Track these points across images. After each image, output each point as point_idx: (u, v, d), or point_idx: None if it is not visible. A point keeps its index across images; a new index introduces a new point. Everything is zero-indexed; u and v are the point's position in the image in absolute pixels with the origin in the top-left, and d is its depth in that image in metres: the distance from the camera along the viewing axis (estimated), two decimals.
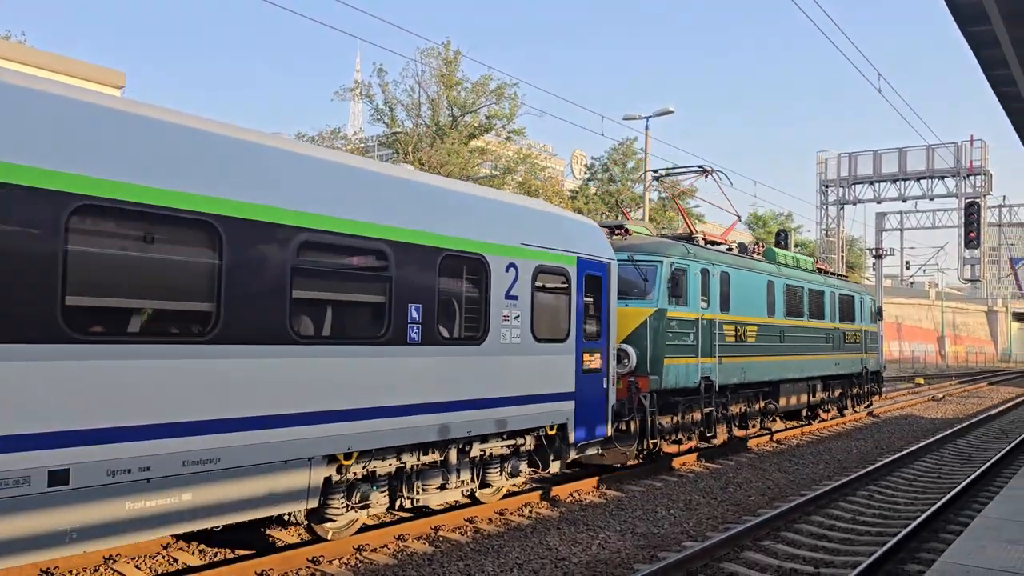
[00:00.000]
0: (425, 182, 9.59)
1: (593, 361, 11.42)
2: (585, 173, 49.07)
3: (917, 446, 16.91)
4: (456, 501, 10.32)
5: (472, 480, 9.96)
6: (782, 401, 17.73)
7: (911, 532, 9.35)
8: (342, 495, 8.26)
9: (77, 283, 6.00)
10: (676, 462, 14.34)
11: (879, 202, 57.49)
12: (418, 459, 9.05)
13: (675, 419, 13.83)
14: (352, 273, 8.45)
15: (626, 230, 14.67)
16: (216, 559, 8.20)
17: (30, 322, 5.72)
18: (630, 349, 12.96)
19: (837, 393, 21.61)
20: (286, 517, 8.09)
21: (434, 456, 9.26)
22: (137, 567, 7.81)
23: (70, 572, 7.48)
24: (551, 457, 10.89)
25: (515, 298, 9.97)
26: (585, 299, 11.26)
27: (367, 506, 8.63)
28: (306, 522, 8.38)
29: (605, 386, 11.69)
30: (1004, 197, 67.85)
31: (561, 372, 10.78)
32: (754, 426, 17.03)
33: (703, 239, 15.94)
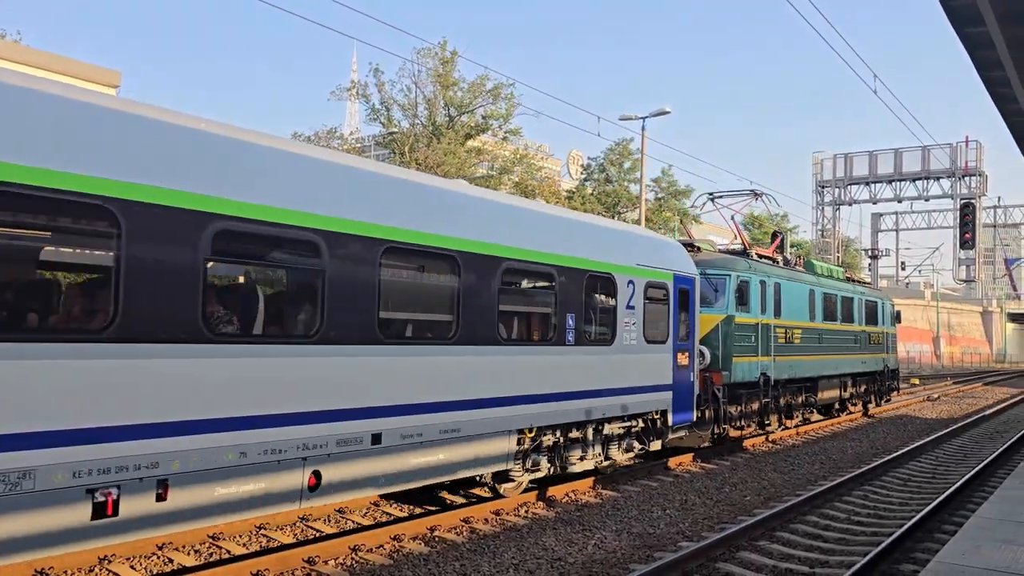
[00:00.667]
0: (575, 219, 12.74)
1: (684, 359, 13.77)
2: (582, 173, 49.08)
3: (912, 446, 16.95)
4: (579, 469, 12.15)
5: (600, 453, 12.16)
6: (820, 395, 20.14)
7: (906, 532, 9.38)
8: (519, 461, 10.58)
9: (388, 303, 8.59)
10: (672, 462, 14.38)
11: (875, 203, 57.70)
12: (568, 435, 11.40)
13: (740, 408, 16.27)
14: (533, 291, 11.15)
15: (697, 247, 17.15)
16: (212, 559, 8.19)
17: (394, 330, 8.82)
18: (705, 349, 15.12)
19: (863, 389, 23.79)
20: (478, 479, 10.50)
21: (578, 433, 11.58)
22: (132, 567, 7.80)
23: (65, 572, 7.46)
24: (652, 437, 13.29)
25: (632, 308, 12.39)
26: (678, 308, 13.62)
27: (536, 470, 11.03)
28: (491, 482, 10.74)
29: (692, 380, 14.07)
30: (999, 198, 68.10)
31: (663, 368, 13.22)
32: (797, 417, 19.47)
33: (756, 254, 18.22)
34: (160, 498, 6.54)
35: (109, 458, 6.23)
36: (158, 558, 8.10)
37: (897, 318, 27.03)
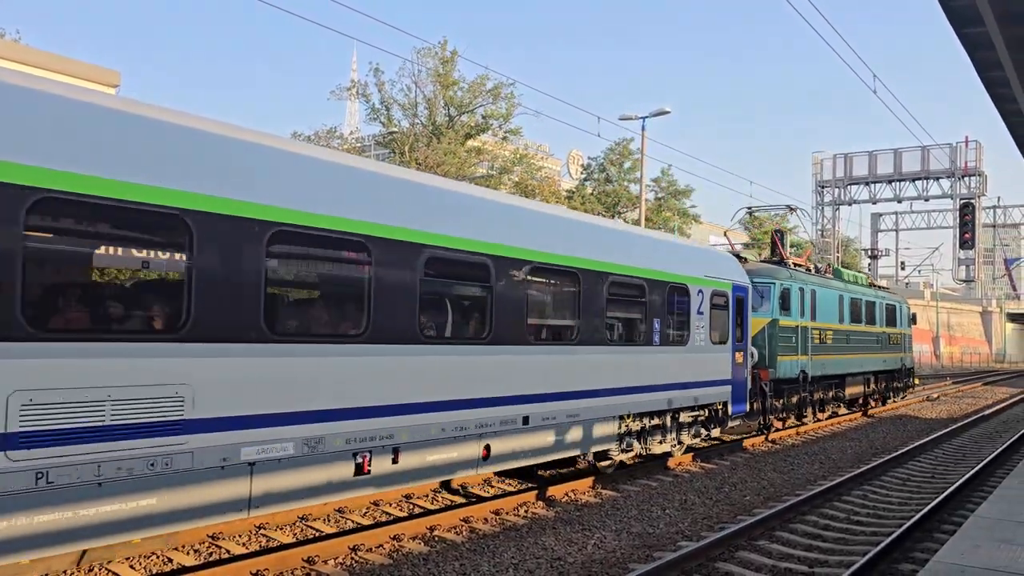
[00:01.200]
0: (659, 238, 15.24)
1: (740, 358, 15.72)
2: (582, 173, 49.06)
3: (911, 446, 16.95)
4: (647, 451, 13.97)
5: (674, 437, 14.14)
6: (847, 391, 22.49)
7: (905, 532, 9.39)
8: (618, 442, 12.44)
9: (532, 312, 10.66)
10: (671, 462, 14.38)
11: (874, 203, 57.69)
12: (651, 421, 13.29)
13: (782, 402, 18.53)
14: (629, 299, 12.67)
15: (744, 259, 19.23)
16: (211, 559, 8.20)
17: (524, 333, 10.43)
18: (754, 349, 16.89)
19: (883, 385, 26.05)
20: (580, 457, 12.56)
21: (659, 421, 13.49)
22: (132, 567, 7.80)
23: (64, 572, 7.47)
24: (715, 425, 15.33)
25: (702, 313, 14.27)
26: (735, 313, 15.54)
27: (629, 450, 12.89)
28: (592, 460, 12.65)
29: (746, 376, 15.99)
30: (999, 198, 68.09)
31: (724, 365, 15.15)
32: (828, 410, 21.75)
33: (792, 263, 20.45)
34: (394, 461, 8.62)
35: (365, 430, 8.31)
36: (157, 557, 8.10)
37: (913, 320, 29.00)
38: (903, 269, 70.15)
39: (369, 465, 8.31)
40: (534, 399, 10.55)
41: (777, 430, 18.48)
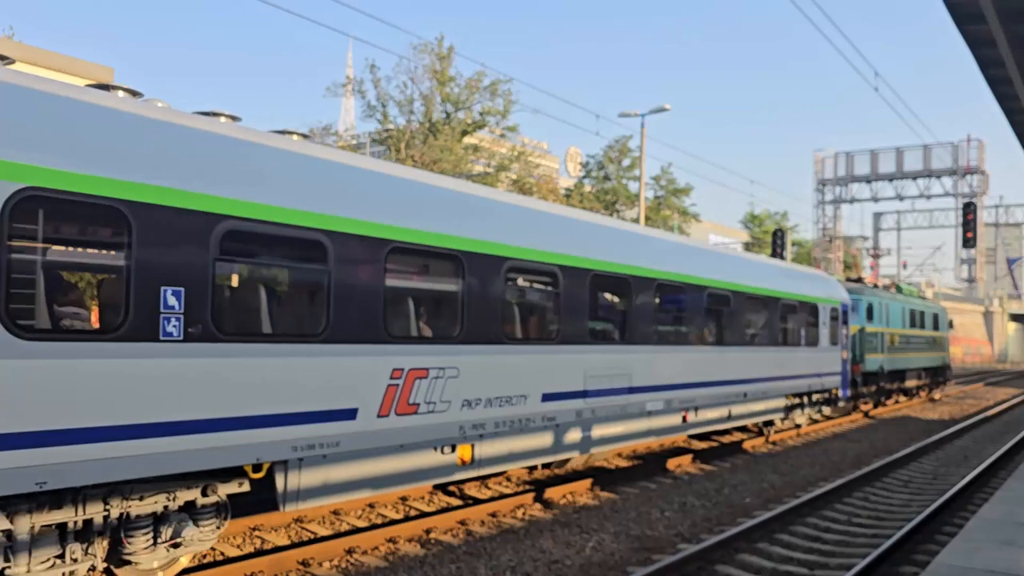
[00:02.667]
0: (801, 270, 20.54)
1: (844, 355, 20.80)
2: (580, 171, 48.94)
3: (913, 448, 16.85)
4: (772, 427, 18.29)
5: (806, 413, 19.16)
6: (907, 383, 28.47)
7: (906, 534, 9.29)
8: (781, 414, 17.38)
9: (750, 323, 15.55)
10: (671, 463, 14.30)
11: (876, 201, 57.53)
12: (797, 400, 18.32)
13: (868, 389, 24.49)
14: (791, 314, 17.39)
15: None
16: (206, 560, 8.11)
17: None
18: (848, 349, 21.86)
19: (928, 380, 31.64)
20: (753, 428, 18.30)
21: (798, 400, 18.43)
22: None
23: (62, 572, 7.37)
24: (831, 405, 20.61)
25: (824, 323, 19.27)
26: (842, 322, 20.49)
27: (786, 419, 18.31)
28: (760, 428, 18.03)
29: (848, 369, 21.05)
30: (1001, 197, 67.96)
31: (836, 361, 20.14)
32: (894, 398, 27.68)
33: (870, 282, 28.39)
34: (696, 414, 13.84)
35: (684, 397, 13.45)
36: None
37: (950, 325, 35.70)
38: (905, 268, 70.03)
39: (688, 417, 13.66)
40: (736, 383, 15.24)
41: (863, 411, 24.45)
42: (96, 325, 6.66)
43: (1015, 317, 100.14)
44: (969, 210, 38.76)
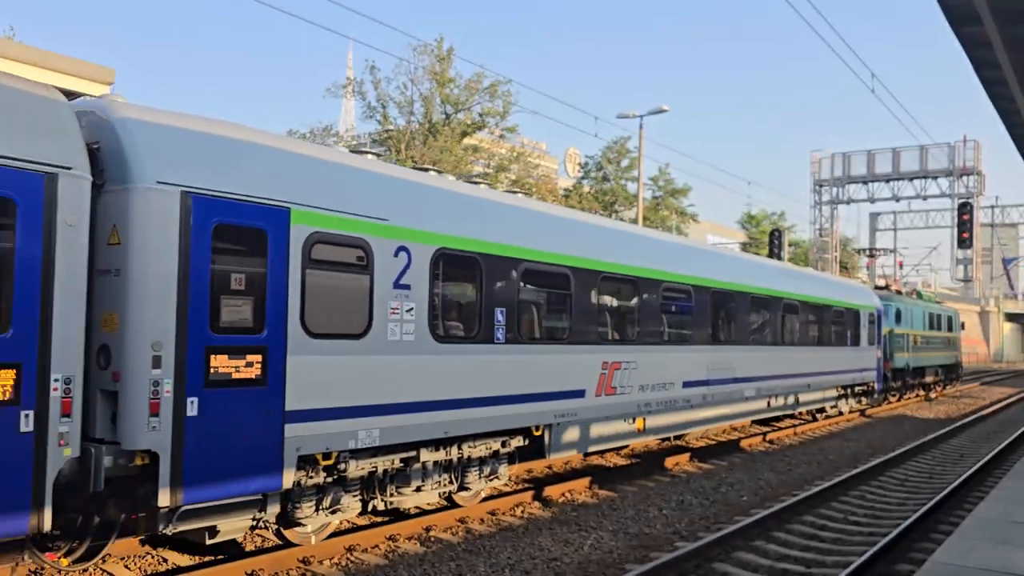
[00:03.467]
0: (846, 282, 26.30)
1: (878, 353, 24.34)
2: (579, 172, 48.97)
3: (909, 446, 16.93)
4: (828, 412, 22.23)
5: (850, 403, 23.11)
6: (927, 379, 32.08)
7: (902, 532, 9.37)
8: (833, 403, 21.53)
9: (815, 330, 20.01)
10: (669, 462, 14.36)
11: (873, 202, 57.61)
12: (842, 392, 22.20)
13: (896, 384, 27.93)
14: (843, 320, 21.38)
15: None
16: (206, 559, 8.16)
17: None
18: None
19: (943, 375, 35.25)
20: (806, 415, 21.65)
21: (843, 391, 22.23)
22: (127, 567, 7.77)
23: (59, 572, 7.43)
24: (867, 396, 24.53)
25: (864, 326, 23.00)
26: (877, 325, 24.23)
27: (835, 406, 22.02)
28: (834, 410, 22.28)
29: (881, 366, 24.68)
30: (997, 197, 68.07)
31: (873, 359, 23.79)
32: (915, 391, 31.42)
33: (895, 290, 32.41)
34: (768, 404, 17.39)
35: (768, 386, 17.05)
36: (152, 557, 8.07)
37: (962, 326, 39.25)
38: (901, 268, 70.15)
39: (771, 402, 17.43)
40: (811, 375, 19.30)
41: (888, 401, 27.96)
42: (465, 333, 9.82)
43: (1011, 317, 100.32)
44: (965, 210, 38.88)
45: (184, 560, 8.04)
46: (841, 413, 22.84)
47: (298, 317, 7.67)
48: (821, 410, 21.63)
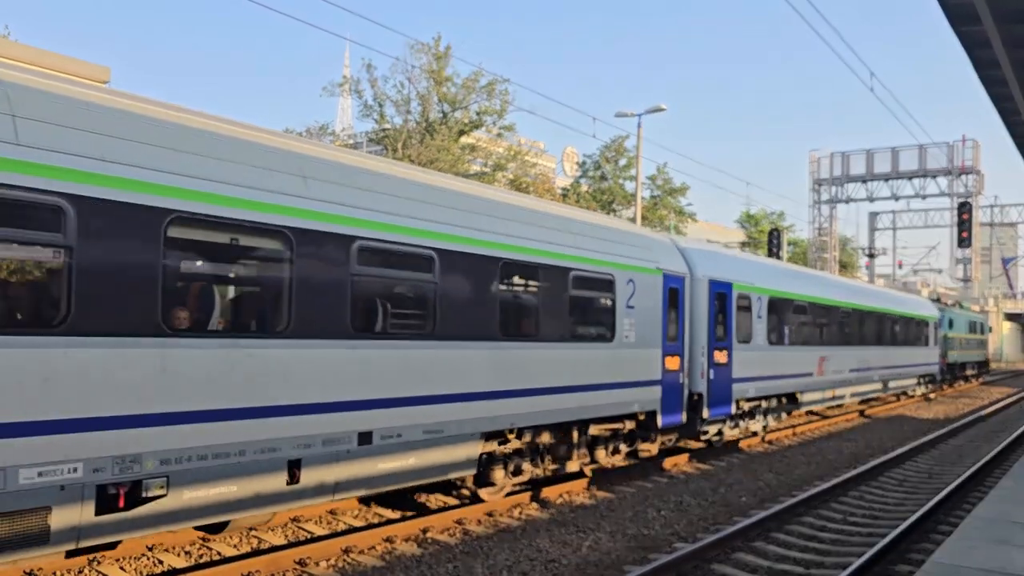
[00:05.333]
0: (911, 297, 33.84)
1: (938, 351, 32.62)
2: (577, 171, 48.91)
3: (908, 447, 16.91)
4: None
5: (920, 388, 30.94)
6: (967, 372, 41.18)
7: (901, 533, 9.34)
8: (903, 392, 29.87)
9: (880, 331, 26.42)
10: (667, 463, 14.33)
11: (871, 201, 57.62)
12: (911, 382, 29.49)
13: (948, 375, 36.07)
14: (913, 324, 28.83)
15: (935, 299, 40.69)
16: (202, 560, 8.12)
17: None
18: None
19: (977, 369, 44.42)
20: (892, 398, 29.52)
21: (918, 379, 30.27)
22: (122, 568, 7.73)
23: (54, 573, 7.39)
24: (931, 384, 32.25)
25: (932, 331, 31.67)
26: (935, 329, 32.26)
27: (901, 392, 29.15)
28: (914, 392, 30.67)
29: (940, 360, 32.52)
30: (996, 197, 68.12)
31: (936, 355, 32.06)
32: (959, 382, 39.58)
33: (944, 302, 40.28)
34: (884, 386, 26.03)
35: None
36: (148, 559, 8.02)
37: (989, 329, 49.34)
38: (900, 268, 70.15)
39: (887, 384, 25.37)
40: (904, 367, 27.01)
41: (942, 390, 35.28)
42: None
43: (1010, 316, 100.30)
44: (964, 210, 38.92)
45: (180, 562, 7.99)
46: (923, 395, 32.03)
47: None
48: (905, 392, 29.73)
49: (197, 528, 7.74)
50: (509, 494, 11.04)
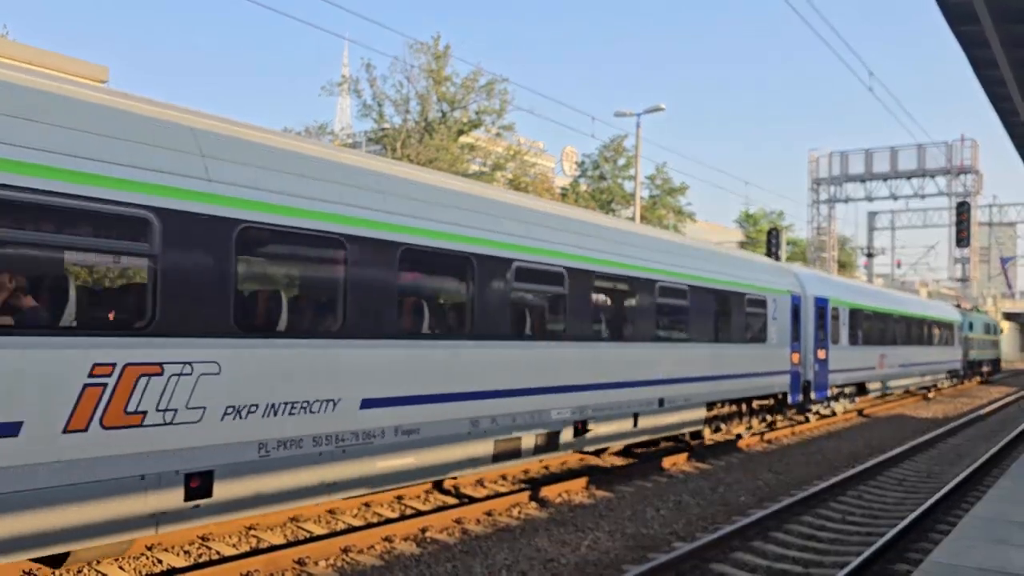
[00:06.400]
0: (940, 304, 39.96)
1: (961, 350, 38.42)
2: (576, 171, 48.91)
3: (907, 446, 16.92)
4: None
5: (945, 382, 35.75)
6: (983, 368, 45.74)
7: (900, 532, 9.35)
8: (944, 379, 35.69)
9: (922, 336, 33.02)
10: (666, 462, 14.34)
11: (870, 200, 57.67)
12: (942, 377, 34.95)
13: (967, 371, 41.15)
14: (942, 328, 34.76)
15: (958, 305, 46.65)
16: (201, 560, 8.12)
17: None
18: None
19: (990, 367, 48.45)
20: (918, 392, 33.32)
21: (945, 375, 35.38)
22: (121, 568, 7.72)
23: (53, 572, 7.39)
24: (955, 377, 37.99)
25: (955, 333, 37.36)
26: (959, 330, 38.05)
27: (934, 385, 34.16)
28: (943, 384, 35.74)
29: (962, 357, 38.56)
30: (994, 196, 68.21)
31: (959, 354, 37.83)
32: (976, 377, 44.27)
33: (965, 307, 46.11)
34: (922, 376, 31.40)
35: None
36: (147, 558, 8.02)
37: (1000, 330, 54.03)
38: (899, 267, 70.21)
39: (925, 377, 31.53)
40: (932, 363, 32.14)
41: (961, 384, 39.42)
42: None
43: (1008, 316, 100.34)
44: (963, 209, 38.93)
45: (179, 561, 7.99)
46: (951, 385, 37.33)
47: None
48: (935, 385, 33.76)
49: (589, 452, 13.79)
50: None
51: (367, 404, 8.07)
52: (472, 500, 10.92)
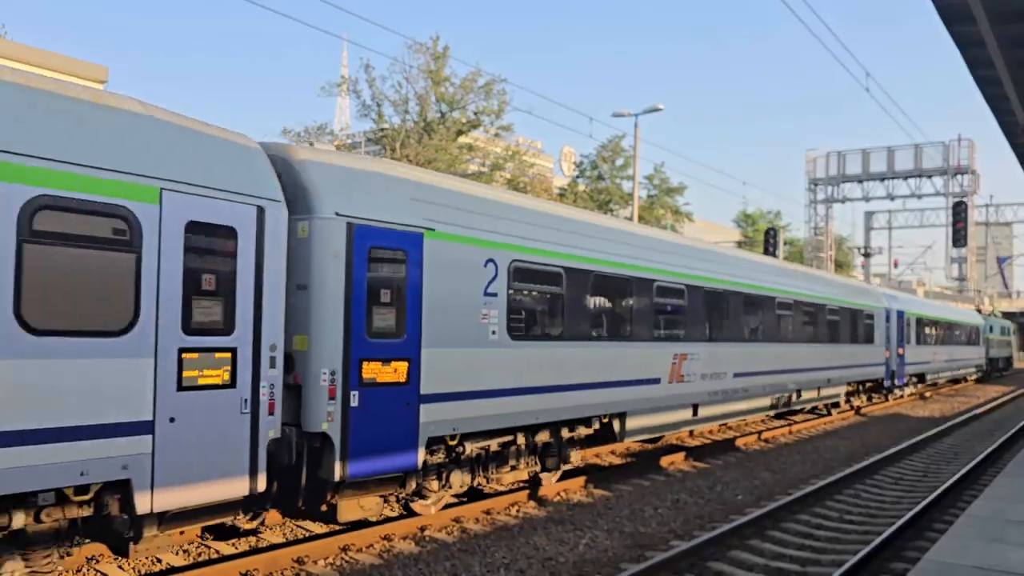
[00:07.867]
0: (966, 309, 48.65)
1: (983, 349, 45.42)
2: (574, 171, 48.94)
3: (904, 445, 16.96)
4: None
5: (972, 375, 43.67)
6: (1000, 365, 52.40)
7: (897, 531, 9.38)
8: (963, 380, 42.28)
9: (949, 338, 38.22)
10: (664, 461, 14.37)
11: (867, 200, 57.77)
12: (966, 371, 41.63)
13: (990, 367, 49.03)
14: (968, 330, 41.00)
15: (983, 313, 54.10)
16: (200, 559, 8.14)
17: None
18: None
19: (1004, 364, 54.00)
20: (965, 378, 42.53)
21: (968, 371, 41.97)
22: (120, 567, 7.74)
23: (52, 571, 7.39)
24: (980, 372, 45.11)
25: (980, 334, 44.13)
26: (980, 333, 44.58)
27: (961, 380, 41.80)
28: (967, 378, 43.27)
29: (985, 355, 45.62)
30: (991, 196, 68.35)
31: (982, 352, 44.80)
32: (996, 371, 51.18)
33: (986, 311, 57.04)
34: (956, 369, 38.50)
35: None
36: (146, 558, 8.04)
37: (1012, 332, 58.74)
38: (896, 267, 70.32)
39: (956, 371, 38.41)
40: (962, 360, 38.99)
41: (981, 380, 44.81)
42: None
43: (1005, 316, 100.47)
44: (960, 209, 39.00)
45: (178, 560, 8.01)
46: (975, 379, 43.52)
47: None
48: (964, 379, 40.53)
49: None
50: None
51: (736, 375, 15.76)
52: (471, 499, 10.94)
